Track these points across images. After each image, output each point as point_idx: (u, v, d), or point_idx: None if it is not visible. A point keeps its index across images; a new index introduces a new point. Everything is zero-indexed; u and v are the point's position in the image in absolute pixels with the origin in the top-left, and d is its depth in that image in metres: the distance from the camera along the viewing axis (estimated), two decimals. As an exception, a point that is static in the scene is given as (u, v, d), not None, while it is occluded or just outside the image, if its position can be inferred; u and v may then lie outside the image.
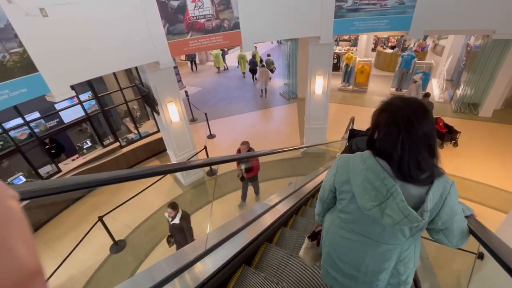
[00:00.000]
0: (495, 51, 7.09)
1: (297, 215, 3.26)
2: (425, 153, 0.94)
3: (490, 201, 5.03)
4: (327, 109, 6.24)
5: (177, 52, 4.36)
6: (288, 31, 4.76)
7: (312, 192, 4.00)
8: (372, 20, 4.46)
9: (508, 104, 8.00)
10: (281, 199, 3.13)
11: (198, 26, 4.29)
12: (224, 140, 8.17)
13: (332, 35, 4.69)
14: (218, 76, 14.19)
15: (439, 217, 0.98)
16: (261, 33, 4.68)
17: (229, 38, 4.57)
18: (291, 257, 2.15)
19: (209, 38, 4.47)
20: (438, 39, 13.05)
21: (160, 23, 3.98)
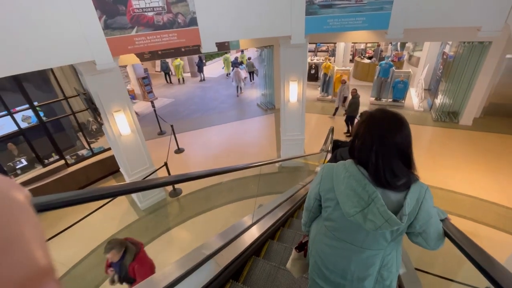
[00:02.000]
0: (472, 59, 6.95)
1: (284, 227, 3.20)
2: (398, 161, 1.00)
3: (483, 217, 4.54)
4: (304, 118, 5.66)
5: (119, 51, 3.62)
6: (255, 30, 4.19)
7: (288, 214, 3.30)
8: (347, 17, 3.99)
9: (487, 112, 7.85)
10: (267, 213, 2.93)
11: (145, 20, 3.60)
12: (194, 154, 7.35)
13: (304, 34, 4.16)
14: (194, 87, 13.49)
15: (417, 221, 1.04)
16: (224, 31, 4.06)
17: (185, 36, 3.90)
18: (279, 270, 2.15)
19: (161, 36, 3.78)
20: (413, 50, 13.24)
21: (94, 14, 3.25)
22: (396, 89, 9.00)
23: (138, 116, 10.34)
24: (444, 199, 5.01)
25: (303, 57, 4.94)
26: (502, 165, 5.78)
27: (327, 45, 14.91)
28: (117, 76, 4.11)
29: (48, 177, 5.48)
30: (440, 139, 7.14)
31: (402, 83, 8.79)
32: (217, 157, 7.12)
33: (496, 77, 7.28)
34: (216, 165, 6.75)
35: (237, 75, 11.23)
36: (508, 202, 4.80)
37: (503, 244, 4.07)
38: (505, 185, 5.20)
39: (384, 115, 1.04)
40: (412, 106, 9.08)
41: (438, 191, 5.22)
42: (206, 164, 6.80)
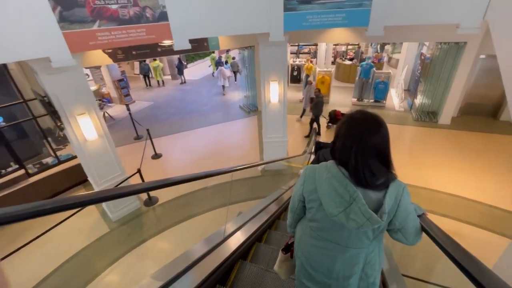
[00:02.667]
0: (448, 60, 7.08)
1: (271, 229, 3.17)
2: (377, 162, 1.02)
3: (466, 216, 4.51)
4: (285, 120, 5.47)
5: (79, 46, 3.26)
6: (232, 26, 3.95)
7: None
8: (327, 14, 3.86)
9: (463, 111, 8.04)
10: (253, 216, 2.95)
11: (108, 13, 3.27)
12: (172, 159, 6.98)
13: (283, 31, 3.98)
14: (174, 90, 13.06)
15: (396, 218, 1.07)
16: (197, 27, 3.80)
17: (154, 32, 3.60)
18: (266, 273, 2.15)
19: (127, 31, 3.46)
20: (392, 52, 13.54)
21: (47, 4, 2.89)
22: (377, 90, 9.07)
23: (113, 120, 9.84)
24: (427, 199, 4.97)
25: (283, 56, 4.76)
26: (481, 163, 5.86)
27: (309, 47, 14.98)
28: (79, 76, 3.73)
29: (5, 188, 4.94)
30: (421, 138, 7.20)
31: (383, 83, 8.86)
32: (197, 162, 6.79)
33: (471, 78, 7.47)
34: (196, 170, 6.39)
35: (222, 73, 11.36)
36: (489, 200, 4.82)
37: (487, 243, 4.03)
38: (485, 183, 5.24)
39: (363, 116, 1.07)
40: (393, 107, 9.18)
41: (421, 191, 5.18)
42: (185, 169, 6.45)
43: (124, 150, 7.55)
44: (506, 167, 5.69)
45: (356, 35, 7.37)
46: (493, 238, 4.11)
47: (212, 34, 4.05)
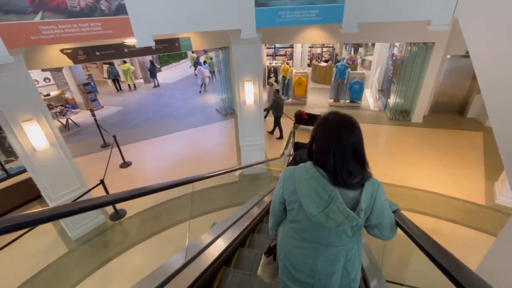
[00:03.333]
0: (418, 60, 7.28)
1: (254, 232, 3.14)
2: (353, 161, 1.07)
3: (444, 213, 4.53)
4: (262, 122, 5.25)
5: (18, 42, 2.80)
6: (200, 22, 3.67)
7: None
8: (300, 10, 3.70)
9: (433, 110, 8.33)
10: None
11: (53, 4, 2.85)
12: (143, 167, 6.48)
13: (255, 28, 3.76)
14: (146, 93, 12.44)
15: (372, 214, 1.12)
16: (162, 23, 3.47)
17: (111, 26, 3.22)
18: (251, 277, 2.13)
19: (78, 25, 3.05)
20: (365, 55, 13.91)
21: (-27, -10, 2.44)
22: (352, 90, 9.17)
23: (78, 127, 9.08)
24: (405, 197, 4.96)
25: (257, 54, 4.55)
26: (453, 159, 6.01)
27: (285, 49, 15.03)
28: (23, 76, 3.23)
29: None
30: (396, 137, 7.31)
31: (358, 84, 8.98)
32: (171, 169, 6.36)
33: (440, 77, 7.75)
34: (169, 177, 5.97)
35: (201, 73, 11.71)
36: (463, 195, 4.90)
37: (465, 239, 4.05)
38: (458, 179, 5.35)
39: (338, 118, 1.10)
40: (368, 107, 9.33)
41: (400, 189, 5.18)
42: (157, 178, 6.00)
43: (90, 159, 6.94)
44: (476, 162, 5.88)
45: (330, 36, 7.38)
46: (471, 233, 4.14)
47: (179, 31, 3.74)
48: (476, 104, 7.80)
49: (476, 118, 7.88)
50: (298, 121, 7.88)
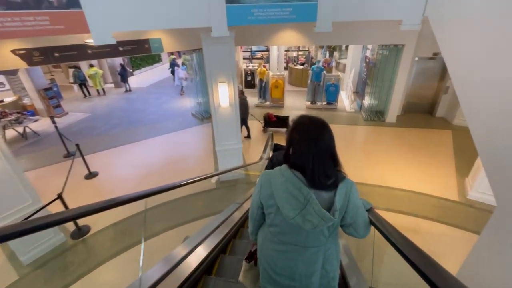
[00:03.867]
0: (389, 62, 7.49)
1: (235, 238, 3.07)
2: (330, 162, 1.11)
3: (421, 211, 4.57)
4: (239, 125, 5.03)
5: None
6: (167, 19, 3.39)
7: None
8: (273, 8, 3.56)
9: (405, 110, 8.61)
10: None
11: (-12, -8, 2.45)
12: (112, 177, 5.98)
13: (226, 26, 3.56)
14: (117, 99, 11.77)
15: (347, 213, 1.16)
16: (123, 19, 3.16)
17: (62, 21, 2.86)
18: (232, 285, 2.07)
19: (21, 18, 2.66)
20: (339, 58, 14.25)
21: None
22: (328, 92, 9.26)
23: (38, 136, 8.27)
24: (384, 197, 4.96)
25: (231, 54, 4.34)
26: (427, 157, 6.18)
27: (262, 53, 15.01)
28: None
29: None
30: (372, 137, 7.43)
31: (333, 86, 9.08)
32: (142, 178, 5.92)
33: (410, 79, 8.04)
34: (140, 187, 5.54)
35: (179, 75, 11.71)
36: (438, 192, 5.00)
37: (442, 236, 4.09)
38: (433, 176, 5.47)
39: (311, 120, 1.14)
40: (344, 108, 9.47)
41: (378, 189, 5.18)
42: (127, 188, 5.54)
43: (51, 171, 6.31)
44: (447, 159, 6.08)
45: (305, 38, 7.39)
46: (447, 230, 4.19)
47: (143, 28, 3.43)
48: (443, 104, 8.17)
49: (444, 117, 8.25)
50: (267, 124, 7.87)
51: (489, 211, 4.49)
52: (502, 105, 1.75)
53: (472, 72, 2.15)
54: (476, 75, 2.08)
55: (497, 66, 1.84)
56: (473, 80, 2.12)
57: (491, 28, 1.94)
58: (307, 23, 3.50)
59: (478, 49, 2.08)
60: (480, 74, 2.04)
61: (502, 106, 1.75)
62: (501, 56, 1.79)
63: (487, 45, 1.96)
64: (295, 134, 1.13)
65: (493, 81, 1.86)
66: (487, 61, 1.96)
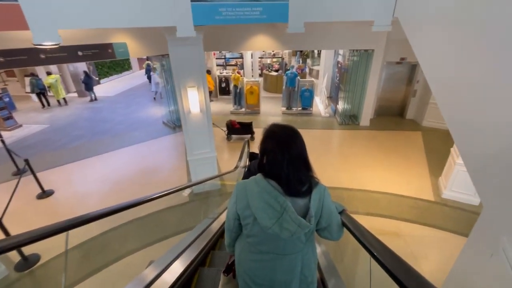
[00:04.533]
0: (361, 67, 7.65)
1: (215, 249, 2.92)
2: (303, 168, 1.13)
3: (400, 213, 4.53)
4: (212, 132, 4.73)
5: None
6: (125, 17, 3.06)
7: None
8: (242, 7, 3.37)
9: (378, 113, 8.84)
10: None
11: None
12: (70, 196, 5.34)
13: (192, 25, 3.29)
14: (81, 108, 10.92)
15: (322, 218, 1.19)
16: (72, 15, 2.77)
17: (-7, 14, 2.42)
18: None
19: None
20: (312, 65, 14.52)
21: None
22: (303, 98, 9.27)
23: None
24: (364, 201, 4.88)
25: (200, 57, 4.07)
26: (401, 158, 6.28)
27: (236, 59, 14.90)
28: None
29: None
30: (347, 141, 7.46)
31: (308, 91, 9.11)
32: (107, 194, 5.36)
33: (381, 83, 8.27)
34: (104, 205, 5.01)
35: (154, 80, 11.44)
36: (414, 192, 5.04)
37: (422, 238, 4.05)
38: (408, 177, 5.53)
39: (282, 129, 1.16)
40: (319, 113, 9.52)
41: (357, 193, 5.10)
42: (88, 206, 4.95)
43: (-5, 192, 5.49)
44: (419, 159, 6.22)
45: (278, 43, 7.34)
46: (426, 231, 4.16)
47: (97, 26, 3.05)
48: (412, 107, 8.49)
49: (414, 119, 8.56)
50: (231, 131, 7.61)
51: (463, 209, 4.58)
52: (477, 103, 1.66)
53: (444, 70, 2.09)
54: (448, 74, 2.03)
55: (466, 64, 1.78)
56: (446, 78, 2.06)
57: (457, 26, 1.90)
58: (279, 28, 3.39)
59: (447, 47, 2.04)
60: (450, 72, 1.98)
61: (477, 104, 1.66)
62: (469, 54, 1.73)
63: (454, 42, 1.93)
64: (268, 142, 1.15)
65: (464, 79, 1.80)
66: (455, 60, 1.91)
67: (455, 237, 4.02)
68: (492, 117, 1.54)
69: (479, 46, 1.65)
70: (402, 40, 7.44)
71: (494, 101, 1.51)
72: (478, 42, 1.66)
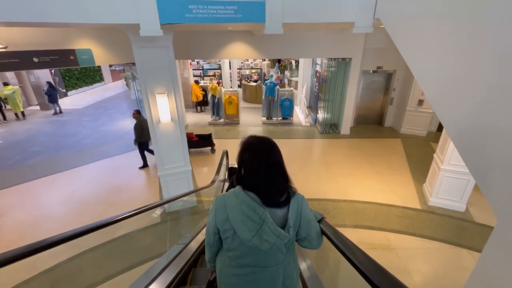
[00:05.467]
0: (339, 76, 7.65)
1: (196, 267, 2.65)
2: (280, 178, 1.13)
3: (388, 224, 4.31)
4: (185, 143, 4.29)
5: None
6: (78, 11, 2.63)
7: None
8: (215, 4, 3.07)
9: (357, 122, 8.85)
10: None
11: None
12: (18, 222, 4.57)
13: (158, 23, 2.93)
14: (42, 122, 9.97)
15: (301, 228, 1.18)
16: (12, 7, 2.30)
17: None
18: None
19: None
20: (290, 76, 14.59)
21: None
22: (283, 107, 9.11)
23: None
24: (350, 212, 4.62)
25: (169, 61, 3.68)
26: (383, 166, 6.17)
27: (214, 70, 14.64)
28: None
29: None
30: (329, 149, 7.29)
31: (288, 100, 8.97)
32: (64, 218, 4.66)
33: (359, 92, 8.32)
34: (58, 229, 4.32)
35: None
36: (400, 201, 4.87)
37: (413, 250, 3.82)
38: (392, 185, 5.38)
39: (258, 140, 1.17)
40: (300, 123, 9.38)
41: (342, 204, 4.83)
42: (40, 233, 4.24)
43: None
44: (402, 166, 6.15)
45: (255, 51, 7.15)
46: (417, 242, 3.95)
47: (41, 19, 2.59)
48: (390, 114, 8.59)
49: (392, 126, 8.65)
50: (188, 145, 7.07)
51: (451, 217, 4.45)
52: (475, 104, 1.45)
53: (429, 67, 1.91)
54: (433, 71, 1.85)
55: (450, 60, 1.60)
56: (432, 75, 1.87)
57: (438, 23, 1.74)
58: (256, 35, 3.13)
59: (430, 44, 1.86)
60: (436, 69, 1.80)
61: (475, 104, 1.45)
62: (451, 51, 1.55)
63: (435, 40, 1.76)
64: (245, 154, 1.15)
65: (452, 76, 1.60)
66: (439, 57, 1.74)
67: (446, 247, 3.84)
68: (495, 118, 1.31)
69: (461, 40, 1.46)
70: (378, 49, 7.71)
71: (491, 101, 1.29)
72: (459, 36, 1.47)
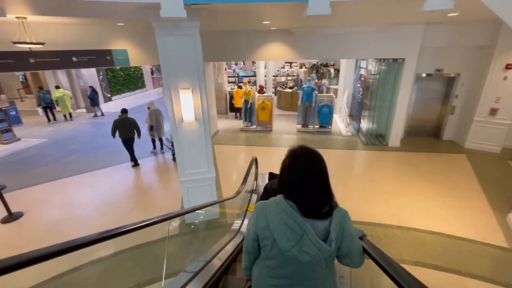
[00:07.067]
0: (389, 80, 6.66)
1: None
2: (321, 192, 1.09)
3: (462, 264, 3.25)
4: (210, 146, 3.79)
5: None
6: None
7: None
8: (248, -20, 2.58)
9: (408, 133, 7.65)
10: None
11: None
12: (40, 221, 4.45)
13: (182, 2, 2.50)
14: (84, 124, 10.52)
15: (343, 243, 1.13)
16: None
17: None
18: None
19: None
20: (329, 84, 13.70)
21: None
22: (321, 114, 8.30)
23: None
24: (408, 243, 3.63)
25: (196, 51, 3.24)
26: (446, 186, 5.00)
27: (249, 77, 14.41)
28: None
29: None
30: (375, 162, 6.28)
31: (327, 107, 8.16)
32: (85, 219, 4.45)
33: (412, 98, 7.19)
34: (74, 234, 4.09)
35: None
36: (479, 235, 3.73)
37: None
38: (463, 212, 4.25)
39: (305, 151, 1.13)
40: (340, 132, 8.45)
41: (396, 231, 3.87)
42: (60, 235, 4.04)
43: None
44: (471, 189, 4.92)
45: (293, 52, 6.56)
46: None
47: None
48: (450, 126, 7.25)
49: (452, 139, 7.28)
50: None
51: (558, 264, 3.23)
52: None
53: None
54: None
55: None
56: None
57: None
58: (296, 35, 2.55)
59: None
60: None
61: None
62: None
63: None
64: (288, 164, 1.13)
65: None
66: None
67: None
68: None
69: None
70: (438, 48, 6.54)
71: None
72: None
